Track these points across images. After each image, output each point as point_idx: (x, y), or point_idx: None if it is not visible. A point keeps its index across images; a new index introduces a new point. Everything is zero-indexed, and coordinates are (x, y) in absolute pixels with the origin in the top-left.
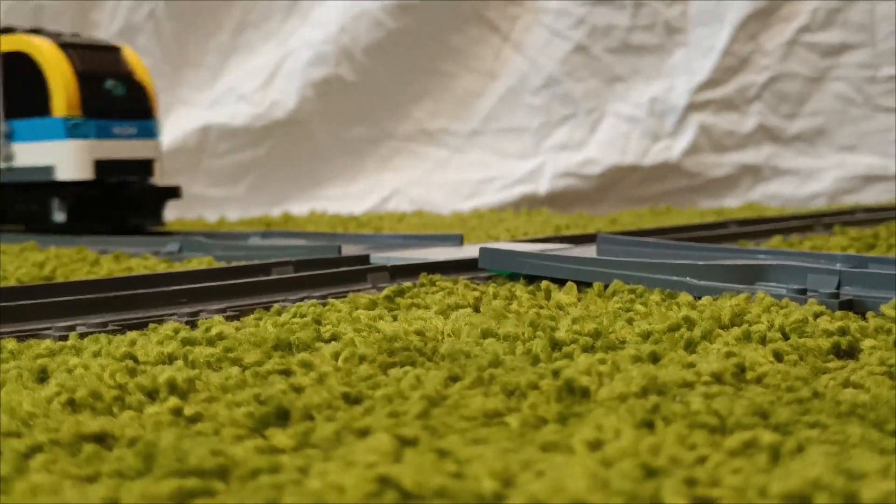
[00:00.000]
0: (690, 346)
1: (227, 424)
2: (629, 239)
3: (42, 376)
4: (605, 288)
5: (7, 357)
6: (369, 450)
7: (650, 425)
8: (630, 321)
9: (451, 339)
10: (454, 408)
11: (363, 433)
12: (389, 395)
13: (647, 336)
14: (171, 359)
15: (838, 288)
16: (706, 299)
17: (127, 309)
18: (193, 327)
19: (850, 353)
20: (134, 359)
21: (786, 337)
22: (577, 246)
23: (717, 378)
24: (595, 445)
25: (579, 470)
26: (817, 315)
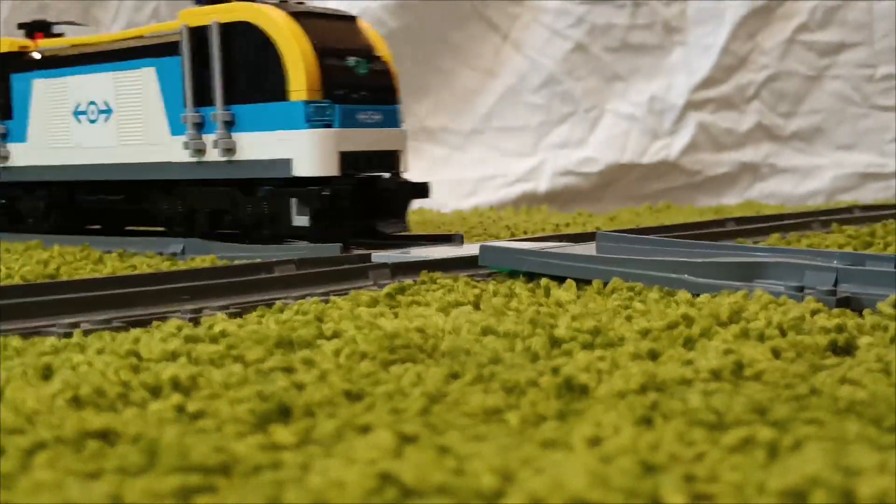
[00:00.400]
0: (689, 344)
1: (230, 421)
2: (628, 237)
3: (46, 373)
4: (605, 285)
5: (11, 354)
6: (370, 446)
7: (649, 422)
8: (629, 318)
9: (452, 337)
10: (454, 404)
11: (364, 430)
12: (390, 392)
13: (646, 333)
14: (175, 356)
15: (835, 285)
16: (704, 297)
17: (130, 306)
18: (196, 325)
19: (848, 350)
20: (137, 356)
21: (783, 334)
22: (577, 244)
23: (716, 375)
24: (594, 442)
25: (578, 466)
26: (815, 312)
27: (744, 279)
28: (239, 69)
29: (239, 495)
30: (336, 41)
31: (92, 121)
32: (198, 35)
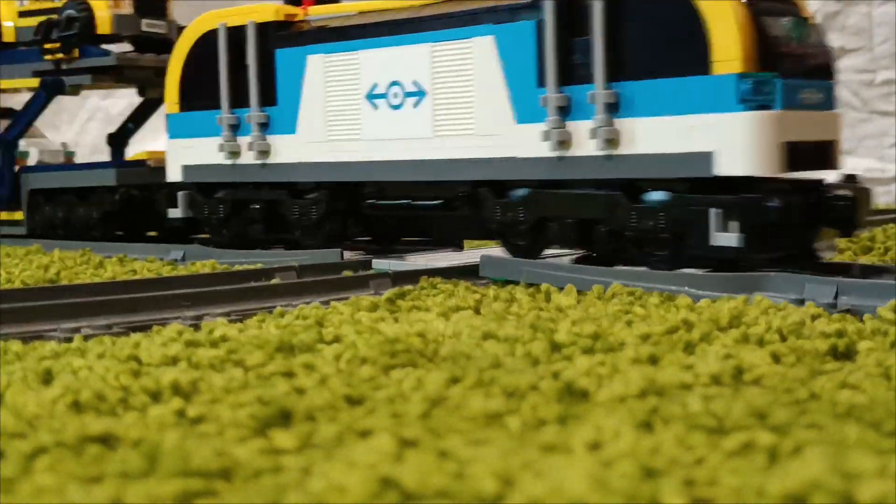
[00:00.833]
0: (689, 348)
1: (230, 426)
2: None
3: (47, 378)
4: (605, 291)
5: (12, 359)
6: (371, 450)
7: (649, 426)
8: (629, 323)
9: (452, 341)
10: (455, 409)
11: (365, 434)
12: (391, 397)
13: (646, 338)
14: (175, 361)
15: (836, 298)
16: (704, 302)
17: (131, 311)
18: (197, 330)
19: (848, 355)
20: (138, 361)
21: (783, 339)
22: (577, 253)
23: (716, 379)
24: (594, 446)
25: (579, 470)
26: (815, 317)
27: (743, 291)
28: (628, 33)
29: (240, 499)
30: None
31: (395, 106)
32: None
